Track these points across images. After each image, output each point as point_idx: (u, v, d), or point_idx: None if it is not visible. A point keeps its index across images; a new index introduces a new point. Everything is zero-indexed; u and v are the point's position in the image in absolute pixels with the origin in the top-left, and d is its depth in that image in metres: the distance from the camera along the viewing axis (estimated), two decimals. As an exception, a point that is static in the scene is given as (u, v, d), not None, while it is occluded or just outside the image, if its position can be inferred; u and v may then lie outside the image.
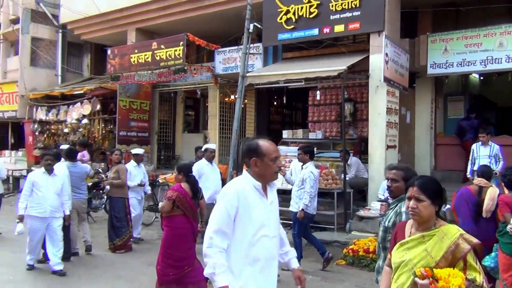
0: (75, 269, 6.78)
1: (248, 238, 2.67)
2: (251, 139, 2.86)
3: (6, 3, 16.09)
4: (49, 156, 6.74)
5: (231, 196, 2.69)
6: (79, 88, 14.61)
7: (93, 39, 16.27)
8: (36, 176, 6.57)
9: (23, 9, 16.38)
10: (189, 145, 14.46)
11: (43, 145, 16.12)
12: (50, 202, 6.43)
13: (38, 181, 6.47)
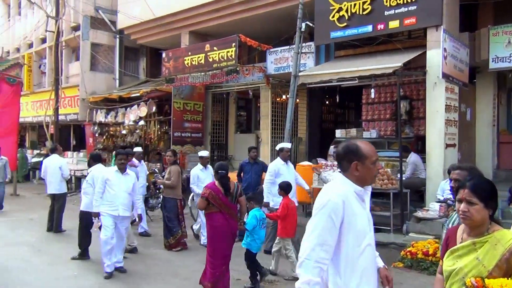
0: (135, 266, 6.98)
1: (355, 249, 2.44)
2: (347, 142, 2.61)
3: (67, 11, 16.85)
4: (122, 155, 6.82)
5: (336, 204, 2.40)
6: (136, 91, 15.08)
7: (149, 43, 16.77)
8: (109, 174, 6.65)
9: (83, 16, 17.12)
10: (241, 145, 14.57)
11: (103, 146, 16.79)
12: (122, 201, 6.53)
13: (111, 179, 6.55)
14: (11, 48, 23.54)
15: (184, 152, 13.97)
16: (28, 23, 21.46)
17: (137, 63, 18.60)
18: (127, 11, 15.52)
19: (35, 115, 20.27)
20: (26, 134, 23.49)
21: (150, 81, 16.74)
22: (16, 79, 15.66)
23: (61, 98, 16.82)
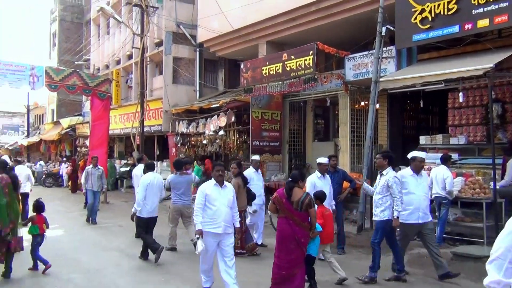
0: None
1: None
2: None
3: (151, 28, 17.72)
4: (220, 166, 6.16)
5: None
6: (216, 102, 15.46)
7: (227, 54, 17.17)
8: (208, 188, 5.97)
9: (166, 32, 17.94)
10: (319, 153, 14.34)
11: (184, 155, 17.37)
12: (224, 217, 5.87)
13: (210, 194, 5.92)
14: (101, 65, 25.24)
15: (263, 161, 14.05)
16: (116, 42, 22.91)
17: (216, 75, 19.11)
18: (206, 25, 16.02)
19: (123, 127, 21.50)
20: (114, 145, 24.95)
21: (228, 92, 17.10)
22: (106, 94, 16.72)
23: (146, 111, 17.69)
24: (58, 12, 33.54)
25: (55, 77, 15.43)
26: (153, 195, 8.19)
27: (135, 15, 18.98)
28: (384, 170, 6.57)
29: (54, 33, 34.97)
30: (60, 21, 33.44)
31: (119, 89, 21.80)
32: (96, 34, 26.68)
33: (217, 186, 5.99)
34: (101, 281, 6.73)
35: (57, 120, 31.45)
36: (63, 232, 11.09)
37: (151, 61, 19.86)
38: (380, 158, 6.69)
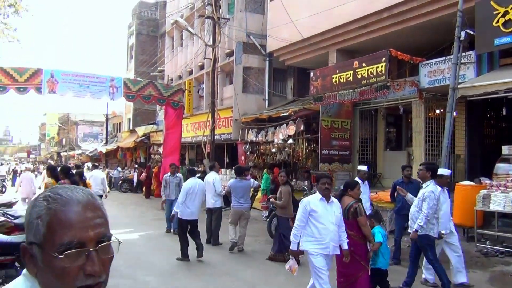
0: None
1: None
2: None
3: (223, 39, 18.13)
4: (326, 179, 5.51)
5: None
6: (285, 110, 15.49)
7: (296, 63, 17.19)
8: (314, 203, 5.38)
9: (237, 42, 18.29)
10: (391, 163, 13.95)
11: (253, 164, 17.55)
12: (332, 236, 5.32)
13: (317, 210, 5.34)
14: (174, 76, 26.20)
15: (332, 170, 13.85)
16: (189, 53, 23.71)
17: (285, 84, 19.17)
18: (276, 34, 16.14)
19: (194, 135, 22.10)
20: (186, 153, 25.70)
21: (297, 100, 17.07)
22: (179, 103, 17.30)
23: (217, 120, 18.06)
24: (135, 27, 35.32)
25: (132, 88, 16.20)
26: (194, 199, 8.79)
27: (207, 27, 19.54)
28: (425, 182, 6.42)
29: (131, 46, 36.85)
30: (137, 35, 35.19)
31: (191, 98, 22.40)
32: (170, 46, 27.76)
33: (323, 201, 5.38)
34: (175, 285, 6.92)
35: (133, 129, 32.98)
36: (138, 236, 11.54)
37: (222, 71, 20.31)
38: (423, 170, 6.51)
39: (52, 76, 14.56)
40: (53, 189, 1.19)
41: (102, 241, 1.15)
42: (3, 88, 13.82)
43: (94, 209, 1.18)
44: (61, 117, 61.21)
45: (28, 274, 1.17)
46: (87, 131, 58.50)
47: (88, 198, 1.18)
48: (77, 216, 1.13)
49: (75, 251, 1.10)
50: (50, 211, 1.13)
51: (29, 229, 1.16)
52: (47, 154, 71.41)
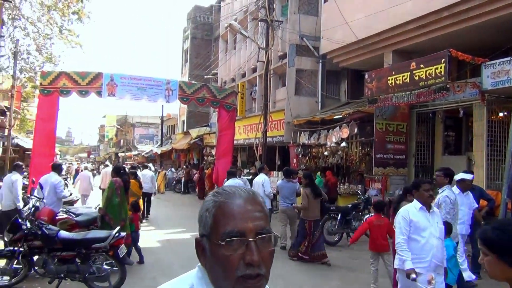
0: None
1: None
2: None
3: (276, 41, 18.13)
4: (429, 185, 4.81)
5: None
6: (338, 113, 15.26)
7: (350, 65, 16.90)
8: (413, 213, 4.70)
9: (290, 45, 18.26)
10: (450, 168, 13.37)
11: (305, 166, 17.41)
12: (435, 252, 4.62)
13: (417, 221, 4.68)
14: (227, 78, 26.54)
15: (386, 174, 13.49)
16: (242, 56, 23.93)
17: (338, 86, 18.91)
18: (330, 36, 15.95)
19: (246, 137, 22.26)
20: (238, 155, 25.93)
21: (351, 103, 16.78)
22: (232, 106, 17.44)
23: (269, 122, 18.09)
24: (190, 31, 36.13)
25: (187, 91, 16.51)
26: None
27: (260, 29, 19.64)
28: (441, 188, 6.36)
29: (186, 50, 37.71)
30: (191, 39, 35.97)
31: (244, 101, 22.62)
32: (223, 50, 28.15)
33: (424, 211, 4.69)
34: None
35: (186, 131, 33.68)
36: (190, 236, 11.75)
37: (275, 73, 20.32)
38: (441, 176, 6.42)
39: (111, 80, 15.10)
40: (222, 187, 1.34)
41: (261, 233, 1.22)
42: (66, 92, 14.48)
43: (254, 203, 1.27)
44: (119, 119, 63.60)
45: (201, 266, 1.30)
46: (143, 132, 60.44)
47: (249, 194, 1.29)
48: (238, 208, 1.24)
49: (235, 240, 1.20)
50: (216, 204, 1.26)
51: (200, 222, 1.30)
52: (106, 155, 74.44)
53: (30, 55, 20.18)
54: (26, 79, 21.83)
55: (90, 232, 6.91)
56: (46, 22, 18.69)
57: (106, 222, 7.91)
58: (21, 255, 6.55)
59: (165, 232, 12.52)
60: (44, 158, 13.77)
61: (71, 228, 7.80)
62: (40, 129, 14.25)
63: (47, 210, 7.95)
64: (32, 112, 29.64)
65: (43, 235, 6.44)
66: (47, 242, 6.46)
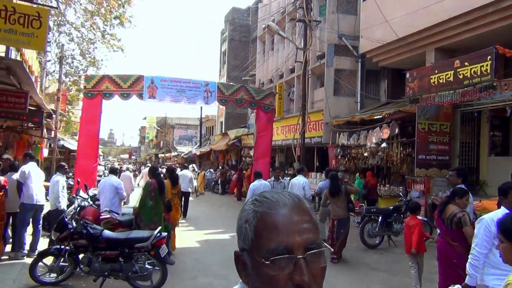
0: None
1: None
2: None
3: (314, 41, 18.01)
4: None
5: None
6: (378, 113, 14.98)
7: (390, 64, 16.56)
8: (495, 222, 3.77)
9: (328, 45, 18.09)
10: (496, 169, 12.86)
11: (344, 167, 17.20)
12: None
13: None
14: (265, 79, 26.58)
15: (429, 176, 13.12)
16: (280, 57, 23.91)
17: (378, 85, 18.57)
18: (369, 35, 15.69)
19: (284, 138, 22.21)
20: (276, 156, 25.91)
21: (391, 103, 16.44)
22: (270, 107, 17.44)
23: (307, 123, 17.98)
24: (228, 33, 36.43)
25: (225, 92, 16.63)
26: None
27: (298, 30, 19.54)
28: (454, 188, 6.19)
29: (224, 52, 38.06)
30: (229, 41, 36.28)
31: (282, 102, 22.60)
32: (261, 51, 28.21)
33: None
34: None
35: (225, 132, 33.98)
36: (229, 237, 11.81)
37: (313, 74, 20.18)
38: (453, 176, 6.45)
39: (152, 82, 15.42)
40: (261, 193, 1.15)
41: (311, 248, 1.06)
42: (109, 95, 14.89)
43: (301, 212, 1.10)
44: (159, 121, 64.86)
45: (243, 284, 1.15)
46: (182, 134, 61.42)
47: (295, 201, 1.12)
48: (283, 219, 1.07)
49: (281, 258, 1.04)
50: (256, 214, 1.10)
51: (239, 234, 1.14)
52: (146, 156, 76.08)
53: (75, 60, 20.87)
54: (71, 82, 22.60)
55: (132, 232, 7.06)
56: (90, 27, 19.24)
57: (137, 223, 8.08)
58: (67, 253, 6.77)
59: (204, 233, 12.64)
60: (88, 159, 14.23)
61: (114, 228, 7.99)
62: (84, 131, 14.71)
63: (91, 210, 8.17)
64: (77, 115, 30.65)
65: (88, 234, 6.63)
66: (92, 241, 6.64)
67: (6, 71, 7.35)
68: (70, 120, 27.74)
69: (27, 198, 8.60)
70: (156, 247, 6.60)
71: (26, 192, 8.57)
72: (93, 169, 14.53)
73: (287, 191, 1.18)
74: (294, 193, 1.16)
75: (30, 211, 8.71)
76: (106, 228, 7.31)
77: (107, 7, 17.66)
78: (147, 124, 70.37)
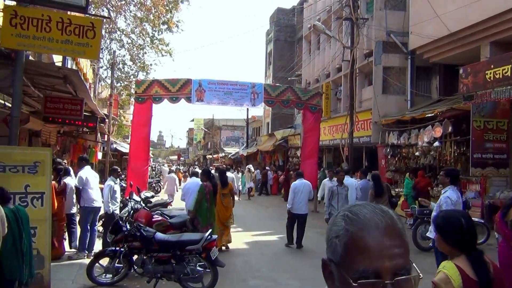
0: None
1: None
2: None
3: (361, 39, 17.69)
4: None
5: None
6: (429, 111, 14.50)
7: (442, 60, 15.99)
8: None
9: (376, 42, 17.71)
10: (560, 168, 12.15)
11: (394, 168, 16.78)
12: None
13: None
14: (311, 79, 26.40)
15: (485, 176, 12.56)
16: (326, 56, 23.66)
17: (429, 82, 17.99)
18: (419, 31, 15.22)
19: (332, 138, 21.97)
20: (323, 156, 25.65)
21: (444, 100, 15.87)
22: (317, 107, 17.30)
23: (355, 122, 17.67)
24: (273, 33, 36.46)
25: (272, 93, 16.64)
26: (301, 197, 10.61)
27: (345, 28, 19.27)
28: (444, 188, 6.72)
29: (269, 52, 38.12)
30: (275, 41, 36.30)
31: (329, 101, 22.35)
32: (307, 51, 28.03)
33: None
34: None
35: (271, 133, 34.02)
36: (277, 238, 11.80)
37: (360, 72, 19.83)
38: (442, 176, 6.88)
39: (199, 86, 15.67)
40: (353, 208, 1.15)
41: (400, 274, 1.06)
42: (159, 99, 15.26)
43: (394, 235, 1.09)
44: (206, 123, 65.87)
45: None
46: (229, 135, 62.07)
47: (388, 223, 1.10)
48: (374, 243, 1.06)
49: (369, 282, 1.04)
50: (347, 233, 1.10)
51: (328, 246, 1.16)
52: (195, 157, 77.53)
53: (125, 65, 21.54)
54: (122, 87, 23.36)
55: (184, 235, 7.19)
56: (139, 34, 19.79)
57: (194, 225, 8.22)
58: (122, 255, 6.98)
59: (252, 234, 12.69)
60: (140, 162, 14.65)
61: (165, 230, 8.17)
62: (136, 134, 15.15)
63: (144, 213, 8.40)
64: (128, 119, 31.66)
65: (141, 236, 6.81)
66: (145, 243, 6.81)
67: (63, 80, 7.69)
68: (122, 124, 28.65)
69: (87, 202, 8.99)
70: (207, 249, 6.68)
71: (86, 196, 8.96)
72: (144, 172, 14.95)
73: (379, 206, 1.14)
74: (387, 210, 1.14)
75: (91, 214, 9.11)
76: (158, 230, 7.48)
77: (155, 13, 18.09)
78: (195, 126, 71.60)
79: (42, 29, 5.80)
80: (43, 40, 5.82)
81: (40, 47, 5.97)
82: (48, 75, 7.88)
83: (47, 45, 5.89)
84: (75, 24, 5.94)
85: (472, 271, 2.65)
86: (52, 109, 9.80)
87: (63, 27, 5.87)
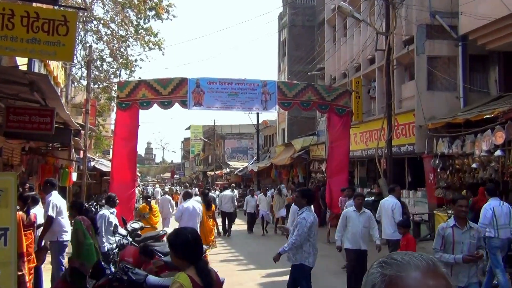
0: None
1: None
2: None
3: (399, 23, 17.67)
4: None
5: None
6: (488, 112, 14.44)
7: (502, 47, 15.98)
8: None
9: (417, 26, 17.71)
10: None
11: (446, 183, 16.66)
12: None
13: None
14: (337, 74, 26.45)
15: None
16: (355, 44, 23.71)
17: (486, 75, 17.93)
18: (471, 11, 15.24)
19: (365, 148, 21.95)
20: (354, 170, 25.60)
21: (506, 97, 15.81)
22: (345, 108, 17.35)
23: (395, 127, 17.61)
24: (287, 17, 36.63)
25: (288, 93, 16.71)
26: None
27: (378, 10, 19.30)
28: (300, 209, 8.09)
29: (283, 41, 38.29)
30: (290, 27, 36.46)
31: (360, 101, 22.33)
32: (331, 38, 28.09)
33: None
34: None
35: (288, 142, 34.00)
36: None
37: (399, 64, 19.82)
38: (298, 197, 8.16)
39: (197, 86, 15.75)
40: (389, 255, 1.29)
41: None
42: (147, 103, 15.39)
43: (436, 276, 1.23)
44: (205, 131, 66.02)
45: None
46: (235, 145, 62.08)
47: (429, 264, 1.23)
48: (416, 283, 1.19)
49: None
50: (385, 278, 1.22)
51: None
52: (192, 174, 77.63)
53: (104, 62, 21.71)
54: (100, 89, 23.50)
55: (182, 277, 7.18)
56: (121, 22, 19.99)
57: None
58: (107, 305, 6.98)
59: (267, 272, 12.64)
60: (125, 183, 14.73)
61: (159, 271, 8.18)
62: (119, 149, 15.28)
63: (132, 250, 8.44)
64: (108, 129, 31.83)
65: (129, 280, 6.81)
66: (135, 290, 6.82)
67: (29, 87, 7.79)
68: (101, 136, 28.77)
69: (60, 235, 9.13)
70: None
71: (58, 228, 9.10)
72: (131, 196, 15.00)
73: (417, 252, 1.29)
74: (427, 255, 1.27)
75: (65, 248, 9.23)
76: (150, 271, 7.50)
77: (140, -3, 18.29)
78: (192, 134, 71.90)
79: (3, 26, 5.91)
80: (4, 40, 5.93)
81: (1, 48, 6.08)
82: (10, 81, 7.99)
83: (9, 45, 6.00)
84: (43, 18, 6.04)
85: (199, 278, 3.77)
86: (15, 122, 9.95)
87: (28, 23, 5.97)
